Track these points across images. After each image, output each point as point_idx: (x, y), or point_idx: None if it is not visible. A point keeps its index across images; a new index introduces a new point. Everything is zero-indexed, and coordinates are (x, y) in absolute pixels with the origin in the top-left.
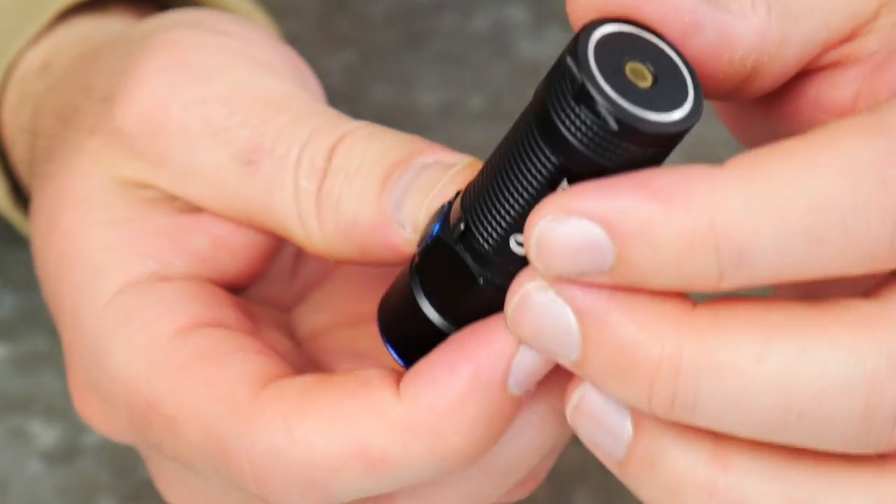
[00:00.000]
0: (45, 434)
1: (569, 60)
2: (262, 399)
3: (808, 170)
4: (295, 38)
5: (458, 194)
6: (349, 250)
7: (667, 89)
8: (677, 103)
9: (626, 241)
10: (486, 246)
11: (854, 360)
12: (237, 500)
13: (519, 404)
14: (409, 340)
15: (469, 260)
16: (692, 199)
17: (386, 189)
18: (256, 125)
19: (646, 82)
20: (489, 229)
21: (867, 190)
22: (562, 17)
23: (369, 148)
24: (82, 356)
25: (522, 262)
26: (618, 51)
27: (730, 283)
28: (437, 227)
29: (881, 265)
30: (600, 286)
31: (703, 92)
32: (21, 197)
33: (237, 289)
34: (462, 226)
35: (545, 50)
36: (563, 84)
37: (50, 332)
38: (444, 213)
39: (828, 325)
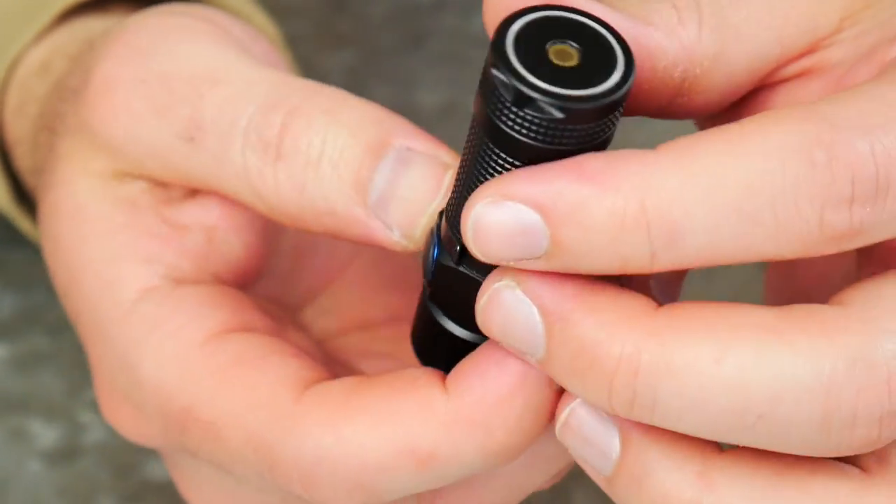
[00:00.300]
0: (45, 434)
1: (495, 72)
2: (305, 402)
3: (739, 152)
4: (295, 38)
5: (441, 214)
6: (320, 230)
7: (596, 59)
8: (610, 69)
9: (559, 224)
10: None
11: (812, 365)
12: (276, 502)
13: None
14: (449, 361)
15: (476, 275)
16: (623, 180)
17: (360, 181)
18: (195, 101)
19: (573, 60)
20: None
21: (795, 171)
22: None
23: (330, 129)
24: (110, 365)
25: None
26: (536, 38)
27: (662, 263)
28: (435, 254)
29: (812, 249)
30: (563, 283)
31: (640, 107)
32: (24, 197)
33: (247, 280)
34: (458, 247)
35: None
36: (497, 94)
37: (50, 332)
38: (436, 238)
39: (787, 330)
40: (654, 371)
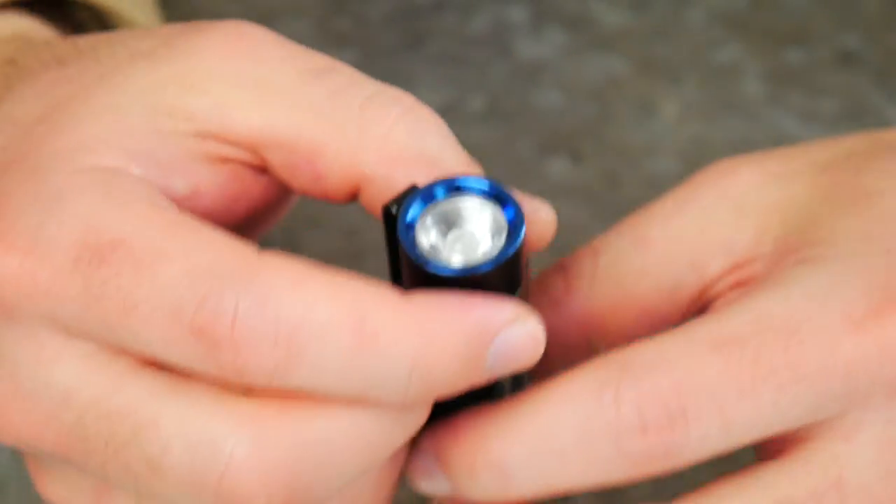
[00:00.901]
0: None
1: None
2: (267, 256)
3: (543, 404)
4: (295, 39)
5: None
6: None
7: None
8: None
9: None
10: None
11: None
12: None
13: (480, 380)
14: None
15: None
16: (474, 444)
17: None
18: (327, 58)
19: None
20: None
21: (586, 412)
22: (561, 17)
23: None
24: (22, 201)
25: None
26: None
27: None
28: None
29: (625, 474)
30: None
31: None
32: None
33: None
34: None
35: (545, 50)
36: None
37: None
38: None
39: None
40: None
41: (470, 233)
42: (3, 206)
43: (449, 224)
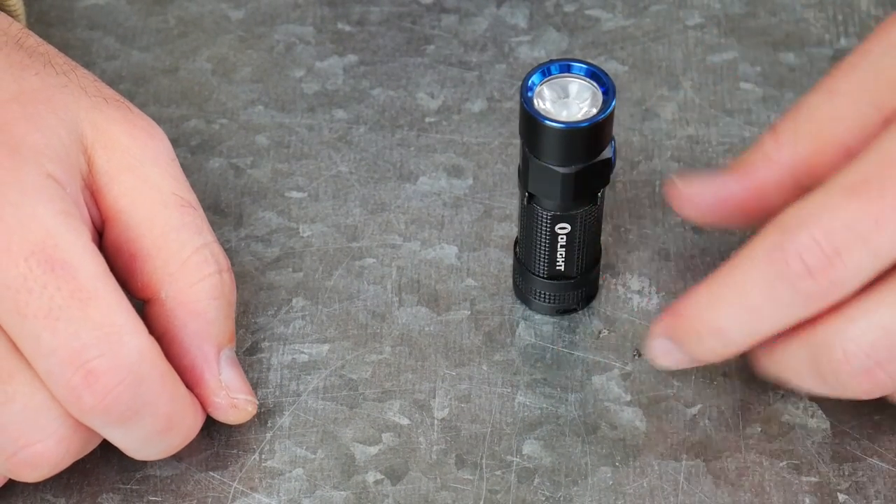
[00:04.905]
0: None
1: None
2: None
3: (736, 264)
4: (296, 40)
5: None
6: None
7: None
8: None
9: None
10: None
11: None
12: None
13: None
14: None
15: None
16: (689, 315)
17: None
18: (194, 196)
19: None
20: None
21: (765, 269)
22: (557, 19)
23: None
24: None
25: None
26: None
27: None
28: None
29: (803, 311)
30: None
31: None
32: None
33: None
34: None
35: (542, 51)
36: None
37: None
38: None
39: None
40: None
41: (573, 101)
42: None
43: (559, 93)
